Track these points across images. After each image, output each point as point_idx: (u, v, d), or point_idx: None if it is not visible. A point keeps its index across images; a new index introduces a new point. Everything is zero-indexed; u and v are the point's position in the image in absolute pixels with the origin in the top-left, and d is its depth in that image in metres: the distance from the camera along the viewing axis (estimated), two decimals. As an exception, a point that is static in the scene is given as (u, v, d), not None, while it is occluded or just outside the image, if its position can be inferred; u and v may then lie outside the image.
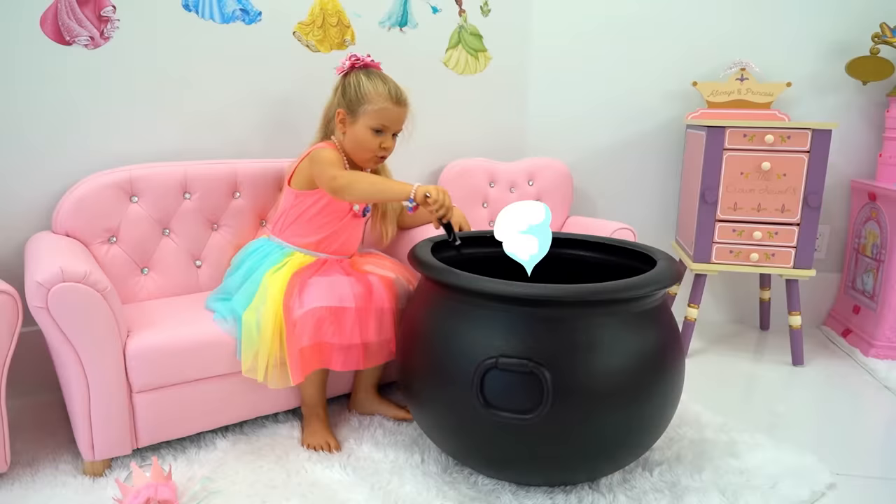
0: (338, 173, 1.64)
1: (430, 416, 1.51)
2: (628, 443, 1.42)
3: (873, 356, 2.33)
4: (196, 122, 2.01)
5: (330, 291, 1.62)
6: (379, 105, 1.70)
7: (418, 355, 1.51)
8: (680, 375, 1.49)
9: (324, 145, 1.75)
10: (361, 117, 1.71)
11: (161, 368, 1.53)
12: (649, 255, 1.61)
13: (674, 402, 1.48)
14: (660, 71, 2.56)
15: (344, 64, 1.75)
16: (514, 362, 1.31)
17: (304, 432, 1.71)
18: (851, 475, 1.62)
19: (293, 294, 1.62)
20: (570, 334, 1.34)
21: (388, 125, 1.73)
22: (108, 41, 1.84)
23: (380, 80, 1.72)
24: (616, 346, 1.36)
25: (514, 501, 1.46)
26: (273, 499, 1.45)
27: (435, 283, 1.50)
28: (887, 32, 2.35)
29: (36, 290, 1.38)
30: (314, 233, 1.76)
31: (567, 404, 1.31)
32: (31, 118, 1.79)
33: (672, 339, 1.48)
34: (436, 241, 1.68)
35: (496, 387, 1.34)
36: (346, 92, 1.73)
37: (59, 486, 1.48)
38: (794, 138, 2.13)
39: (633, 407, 1.37)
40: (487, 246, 1.70)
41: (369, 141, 1.72)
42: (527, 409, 1.32)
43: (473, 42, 2.48)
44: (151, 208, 1.83)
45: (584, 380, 1.32)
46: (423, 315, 1.53)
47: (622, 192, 2.68)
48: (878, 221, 2.41)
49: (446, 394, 1.42)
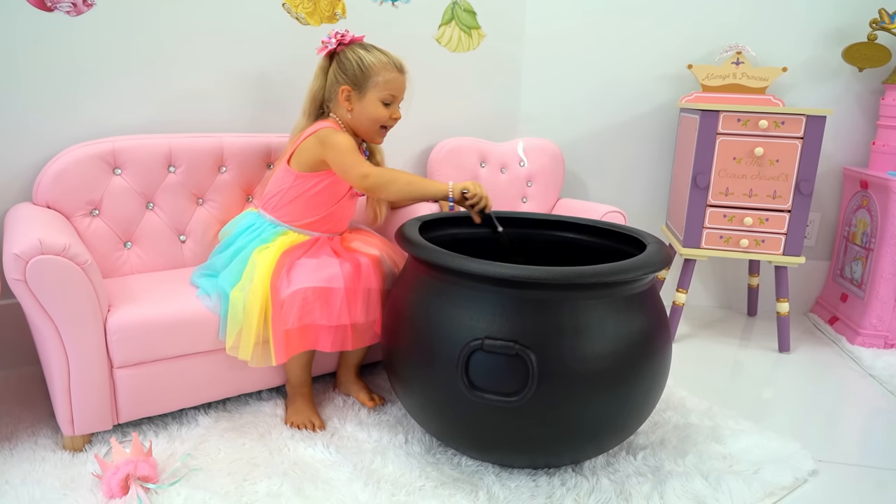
0: (368, 171, 1.62)
1: (414, 396, 1.50)
2: (613, 426, 1.41)
3: (859, 344, 2.34)
4: (182, 94, 1.97)
5: (318, 271, 1.60)
6: (386, 76, 1.68)
7: (404, 335, 1.49)
8: (667, 360, 1.48)
9: (330, 125, 1.70)
10: (370, 91, 1.68)
11: (142, 344, 1.50)
12: (639, 239, 1.60)
13: (660, 386, 1.48)
14: (655, 53, 2.53)
15: (328, 44, 1.70)
16: (500, 344, 1.30)
17: (287, 410, 1.70)
18: (834, 462, 1.63)
19: (281, 274, 1.60)
20: (557, 317, 1.32)
21: (397, 94, 1.72)
22: (91, 8, 1.79)
23: (379, 52, 1.70)
24: (603, 329, 1.35)
25: (498, 483, 1.46)
26: (255, 476, 1.44)
27: (422, 263, 1.48)
28: (886, 18, 2.33)
29: (13, 263, 1.34)
30: (311, 213, 1.73)
31: (552, 387, 1.30)
32: (11, 87, 1.74)
33: (660, 323, 1.47)
34: (424, 221, 1.67)
35: (481, 369, 1.33)
36: (346, 69, 1.69)
37: (38, 461, 1.46)
38: (787, 124, 2.12)
39: (619, 390, 1.36)
40: (481, 227, 1.70)
41: (380, 113, 1.70)
42: (512, 391, 1.31)
43: (467, 19, 2.43)
44: (135, 181, 1.80)
45: (570, 363, 1.31)
46: (410, 295, 1.51)
47: (613, 175, 2.66)
48: (868, 210, 2.41)
49: (431, 375, 1.41)
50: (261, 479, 1.43)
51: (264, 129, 2.07)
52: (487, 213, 1.67)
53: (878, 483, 1.56)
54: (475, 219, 1.69)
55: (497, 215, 1.73)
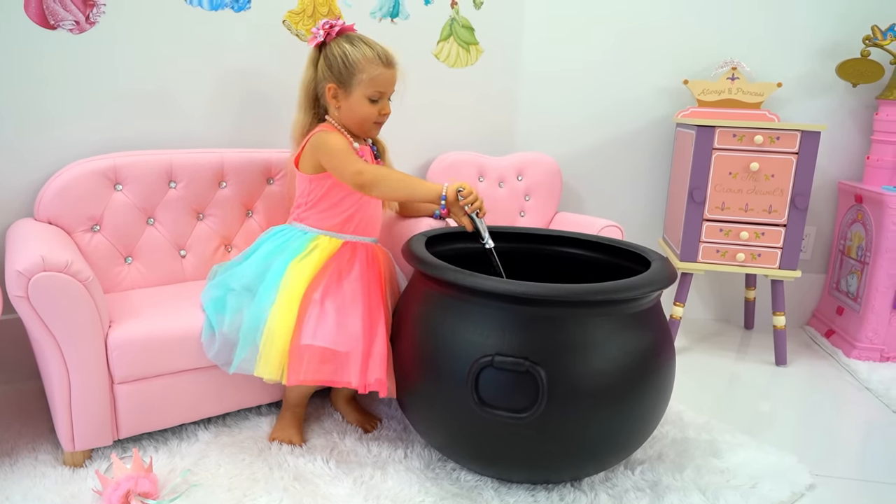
0: (362, 168, 1.58)
1: (422, 411, 1.51)
2: (619, 442, 1.42)
3: (855, 357, 2.35)
4: (182, 110, 1.98)
5: (341, 329, 1.52)
6: (371, 73, 1.62)
7: (410, 350, 1.50)
8: (671, 377, 1.50)
9: (324, 128, 1.67)
10: (356, 88, 1.63)
11: (143, 360, 1.51)
12: (642, 255, 1.62)
13: (664, 402, 1.49)
14: (651, 68, 2.55)
15: (317, 33, 1.64)
16: (511, 361, 1.31)
17: (276, 425, 1.69)
18: (831, 476, 1.63)
19: (313, 297, 1.55)
20: (566, 334, 1.34)
21: (384, 90, 1.66)
22: (94, 26, 1.81)
23: (365, 45, 1.63)
24: (611, 346, 1.37)
25: (497, 498, 1.47)
26: (255, 492, 1.45)
27: (430, 279, 1.49)
28: (878, 35, 2.36)
29: (16, 280, 1.35)
30: (338, 213, 1.68)
31: (562, 403, 1.32)
32: (14, 102, 1.76)
33: (665, 340, 1.49)
34: (431, 236, 1.67)
35: (491, 385, 1.34)
36: (331, 65, 1.63)
37: (39, 477, 1.46)
38: (783, 139, 2.14)
39: (626, 406, 1.38)
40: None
41: (368, 111, 1.65)
42: (522, 407, 1.32)
43: (465, 35, 2.46)
44: (136, 196, 1.81)
45: (579, 379, 1.33)
46: (417, 310, 1.52)
47: (610, 189, 2.68)
48: (863, 224, 2.42)
49: (440, 390, 1.42)
50: (261, 495, 1.43)
51: (265, 144, 2.08)
52: (478, 223, 1.63)
53: (875, 497, 1.57)
54: (466, 226, 1.65)
55: (498, 230, 1.73)
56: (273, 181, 2.01)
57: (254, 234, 1.94)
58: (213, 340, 1.58)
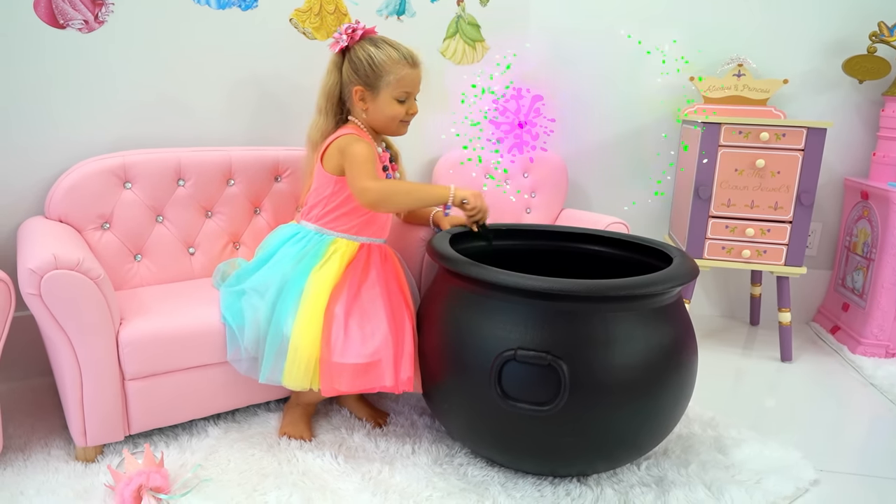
0: (370, 185, 1.56)
1: (447, 403, 1.54)
2: (638, 439, 1.44)
3: (860, 353, 2.35)
4: (190, 108, 2.00)
5: (369, 341, 1.55)
6: (398, 73, 1.63)
7: (438, 346, 1.53)
8: (693, 373, 1.51)
9: (352, 132, 1.66)
10: (383, 90, 1.63)
11: (154, 356, 1.53)
12: (656, 250, 1.64)
13: (686, 399, 1.51)
14: (657, 65, 2.55)
15: (340, 39, 1.64)
16: (533, 355, 1.34)
17: (284, 420, 1.71)
18: (835, 472, 1.64)
19: (334, 313, 1.56)
20: (588, 329, 1.36)
21: (411, 90, 1.67)
22: (103, 25, 1.83)
23: (390, 47, 1.64)
24: (633, 341, 1.38)
25: (504, 493, 1.48)
26: (264, 487, 1.46)
27: (455, 276, 1.52)
28: (885, 31, 2.35)
29: (28, 278, 1.37)
30: (359, 215, 1.67)
31: (583, 397, 1.34)
32: (25, 101, 1.78)
33: (687, 335, 1.50)
34: (454, 234, 1.69)
35: (514, 378, 1.37)
36: (357, 68, 1.63)
37: (52, 472, 1.48)
38: (788, 136, 2.14)
39: (647, 400, 1.40)
40: (507, 238, 1.76)
41: (396, 111, 1.66)
42: (544, 400, 1.35)
43: (471, 32, 2.46)
44: (145, 195, 1.83)
45: (600, 374, 1.35)
46: (442, 305, 1.55)
47: (616, 186, 2.68)
48: (869, 220, 2.43)
49: (465, 384, 1.45)
50: (270, 490, 1.45)
51: (272, 142, 2.09)
52: (484, 227, 1.68)
53: (879, 493, 1.58)
54: (472, 227, 1.70)
55: (514, 227, 1.76)
56: (281, 179, 2.03)
57: (262, 232, 1.96)
58: (238, 355, 1.60)
